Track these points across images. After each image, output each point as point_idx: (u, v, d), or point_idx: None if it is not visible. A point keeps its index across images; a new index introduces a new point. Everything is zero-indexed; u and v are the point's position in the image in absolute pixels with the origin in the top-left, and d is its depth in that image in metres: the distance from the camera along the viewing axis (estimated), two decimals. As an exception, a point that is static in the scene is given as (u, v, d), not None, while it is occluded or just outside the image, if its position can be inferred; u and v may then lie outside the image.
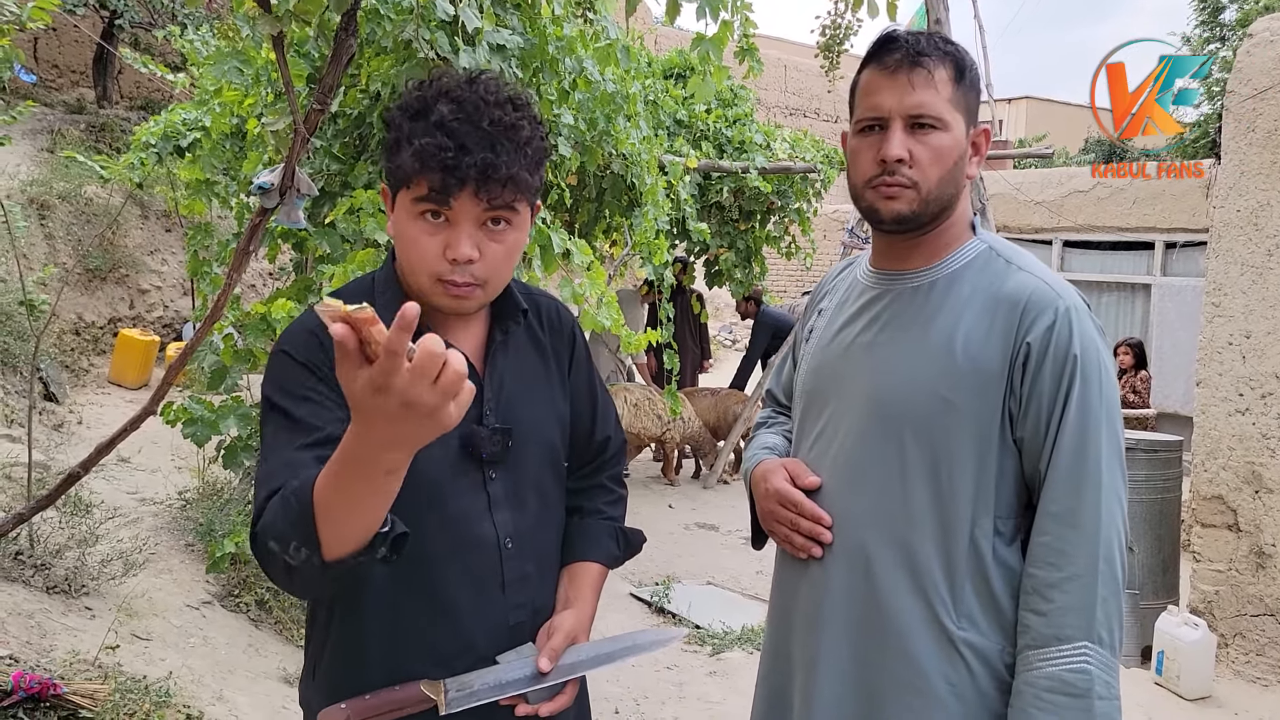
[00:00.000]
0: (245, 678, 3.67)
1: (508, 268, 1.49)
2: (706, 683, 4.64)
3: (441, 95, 1.41)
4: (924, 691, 1.55)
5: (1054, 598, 1.49)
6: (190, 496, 5.14)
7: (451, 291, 1.44)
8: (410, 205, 1.42)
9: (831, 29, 3.73)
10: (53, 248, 8.66)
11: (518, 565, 1.53)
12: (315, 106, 2.69)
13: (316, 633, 1.57)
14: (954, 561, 1.55)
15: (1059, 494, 1.50)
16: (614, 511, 1.75)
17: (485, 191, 1.39)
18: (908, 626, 1.56)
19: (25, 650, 3.18)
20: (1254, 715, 4.43)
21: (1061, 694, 1.46)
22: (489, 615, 1.51)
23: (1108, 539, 1.48)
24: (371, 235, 3.81)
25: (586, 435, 1.72)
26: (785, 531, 1.70)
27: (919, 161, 1.56)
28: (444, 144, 1.36)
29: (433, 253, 1.42)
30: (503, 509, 1.52)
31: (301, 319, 1.51)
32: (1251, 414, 4.69)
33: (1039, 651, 1.49)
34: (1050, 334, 1.52)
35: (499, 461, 1.52)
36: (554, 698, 1.51)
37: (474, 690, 1.45)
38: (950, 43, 1.60)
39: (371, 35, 3.88)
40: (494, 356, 1.57)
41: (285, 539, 1.22)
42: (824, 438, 1.70)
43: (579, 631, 1.56)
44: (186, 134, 6.12)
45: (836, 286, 1.83)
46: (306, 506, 1.18)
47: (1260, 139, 4.63)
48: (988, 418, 1.54)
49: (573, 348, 1.71)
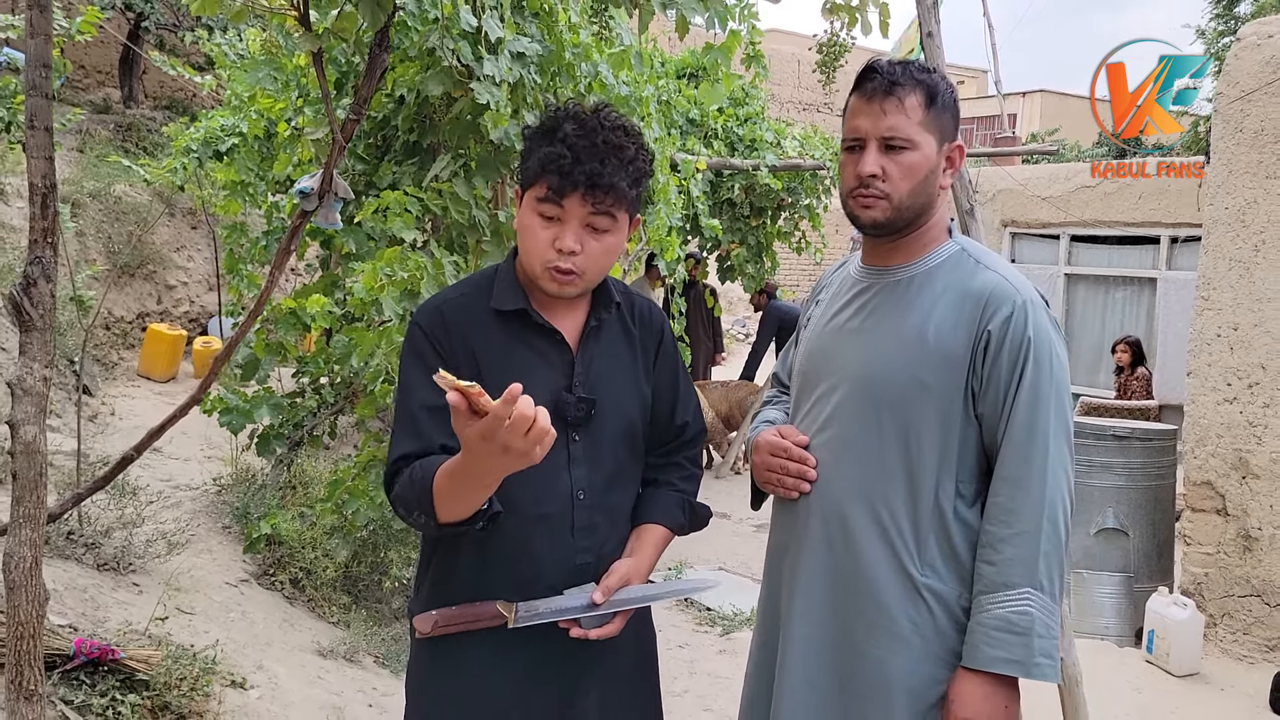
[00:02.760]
0: (282, 650, 3.91)
1: (605, 263, 1.81)
2: (716, 660, 4.85)
3: (569, 118, 1.75)
4: (891, 630, 1.80)
5: (1003, 550, 1.74)
6: (224, 483, 5.38)
7: (556, 278, 1.76)
8: (533, 203, 1.76)
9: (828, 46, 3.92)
10: (84, 245, 8.91)
11: (587, 515, 1.83)
12: (351, 117, 2.92)
13: (423, 559, 1.91)
14: (920, 518, 1.80)
15: (1011, 461, 1.76)
16: (686, 486, 2.03)
17: (591, 195, 1.71)
18: (878, 573, 1.81)
19: (82, 621, 3.42)
20: (1239, 691, 4.62)
21: (1007, 632, 1.70)
22: (559, 554, 1.80)
23: (1051, 501, 1.73)
24: (398, 234, 4.03)
25: (667, 418, 2.00)
26: (776, 476, 1.95)
27: (891, 177, 1.82)
28: (563, 154, 1.70)
29: (544, 242, 1.75)
30: (580, 466, 1.82)
31: (430, 299, 1.89)
32: (1239, 403, 4.88)
33: (989, 596, 1.74)
34: (1008, 324, 1.77)
35: (581, 426, 1.82)
36: (603, 625, 1.79)
37: (538, 612, 1.76)
38: (926, 71, 1.85)
39: (398, 44, 4.09)
40: (588, 338, 1.87)
41: (410, 508, 1.68)
42: (815, 411, 1.95)
43: (634, 576, 1.85)
44: (225, 139, 6.37)
45: (833, 281, 2.09)
46: (427, 491, 1.62)
47: (1248, 139, 4.81)
48: (953, 395, 1.79)
49: (660, 342, 2.00)
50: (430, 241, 4.44)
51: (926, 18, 3.13)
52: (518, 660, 1.79)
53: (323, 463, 5.50)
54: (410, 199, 4.09)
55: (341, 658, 4.06)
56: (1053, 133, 25.78)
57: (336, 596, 4.55)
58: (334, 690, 3.73)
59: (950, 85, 1.89)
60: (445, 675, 1.82)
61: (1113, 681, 4.63)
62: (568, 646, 1.79)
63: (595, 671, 1.85)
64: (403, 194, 4.08)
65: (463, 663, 1.80)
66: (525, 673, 1.79)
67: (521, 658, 1.79)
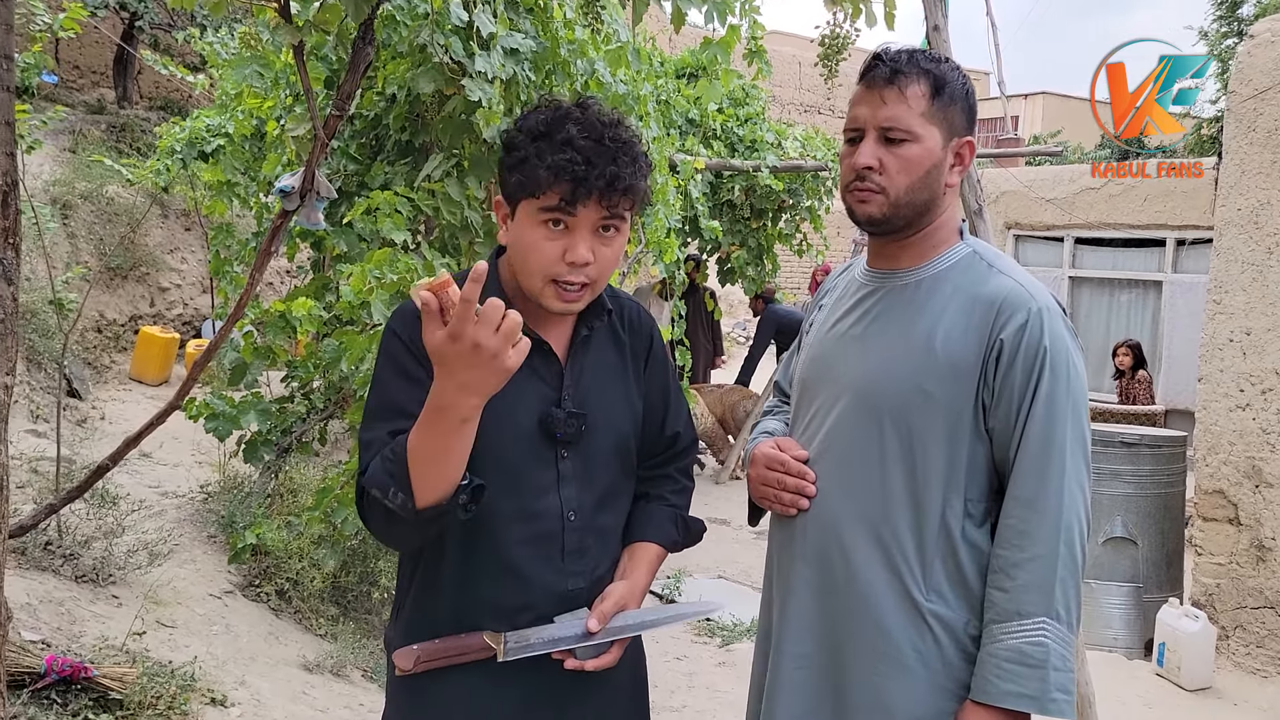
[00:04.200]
0: (266, 664, 3.79)
1: (611, 270, 1.67)
2: (715, 673, 4.74)
3: (565, 119, 1.60)
4: (892, 658, 1.67)
5: (1017, 576, 1.60)
6: (211, 490, 5.26)
7: (564, 295, 1.62)
8: (536, 214, 1.59)
9: (830, 39, 3.79)
10: (75, 247, 8.80)
11: (579, 537, 1.70)
12: (334, 113, 2.80)
13: (402, 584, 1.76)
14: (925, 539, 1.67)
15: (1025, 480, 1.62)
16: (678, 500, 1.90)
17: (608, 200, 1.58)
18: (878, 597, 1.68)
19: (56, 635, 3.30)
20: (1253, 706, 4.50)
21: (1020, 664, 1.57)
22: (549, 579, 1.67)
23: (1068, 523, 1.60)
24: (389, 235, 3.91)
25: (658, 429, 1.87)
26: (773, 492, 1.81)
27: (888, 170, 1.68)
28: (575, 159, 1.55)
29: (552, 256, 1.59)
30: (570, 485, 1.70)
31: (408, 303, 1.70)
32: (1252, 409, 4.76)
33: (1002, 625, 1.60)
34: (1022, 332, 1.63)
35: (572, 443, 1.70)
36: (599, 655, 1.67)
37: (529, 643, 1.63)
38: (934, 60, 1.71)
39: (387, 40, 3.98)
40: (577, 350, 1.74)
41: (385, 486, 1.48)
42: (814, 422, 1.82)
43: (629, 600, 1.72)
44: (211, 140, 6.24)
45: (837, 285, 1.95)
46: (401, 456, 1.45)
47: (1261, 138, 4.69)
48: (961, 408, 1.66)
49: (650, 348, 1.86)
50: (422, 243, 4.33)
51: (933, 11, 3.01)
52: (507, 694, 1.66)
53: (312, 470, 5.38)
54: (401, 199, 3.98)
55: (328, 672, 3.94)
56: (1055, 134, 25.71)
57: (324, 608, 4.42)
58: (319, 707, 3.61)
59: (964, 76, 1.74)
60: (428, 714, 1.69)
61: (1123, 695, 4.52)
62: (560, 677, 1.67)
63: (588, 702, 1.74)
64: (393, 194, 3.97)
65: (447, 700, 1.67)
66: (515, 707, 1.67)
67: (511, 691, 1.66)
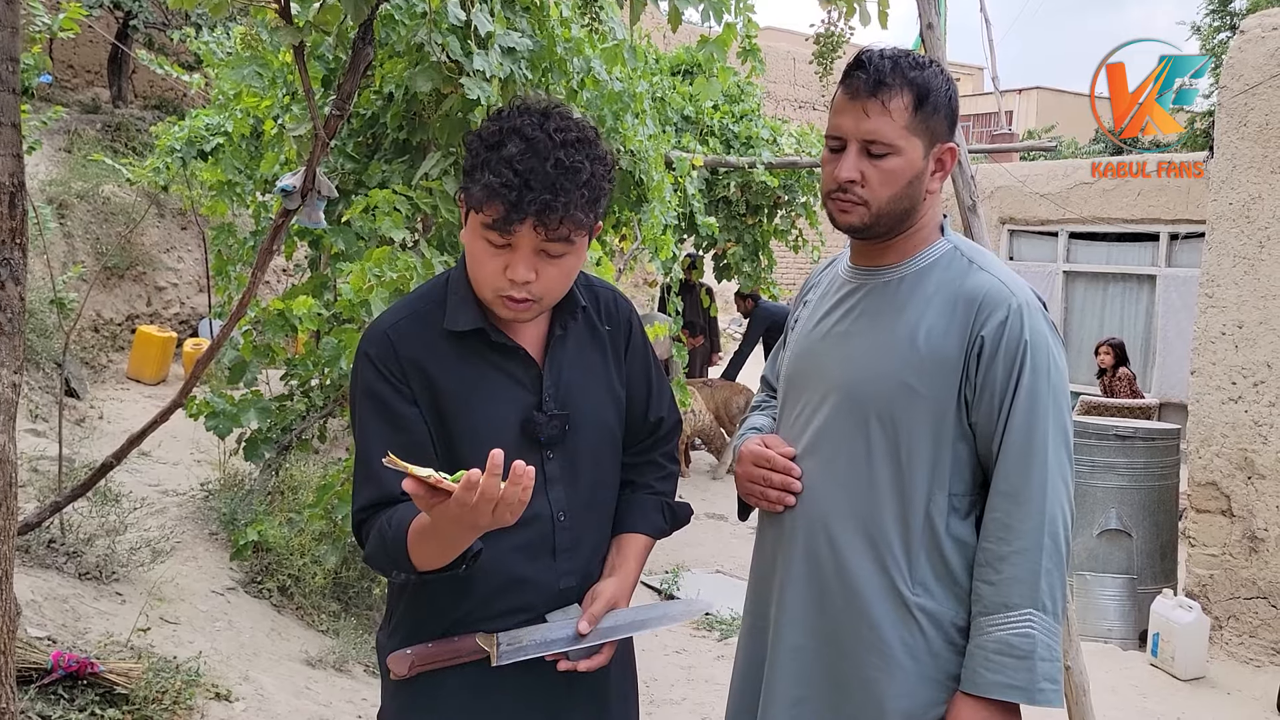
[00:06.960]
0: (269, 659, 3.82)
1: (563, 285, 1.64)
2: (714, 666, 4.77)
3: (514, 132, 1.54)
4: (881, 651, 1.70)
5: (1002, 569, 1.64)
6: (212, 488, 5.29)
7: (510, 306, 1.61)
8: (478, 228, 1.58)
9: (825, 37, 3.81)
10: (71, 246, 8.80)
11: (570, 536, 1.72)
12: (334, 113, 2.83)
13: (394, 589, 1.77)
14: (911, 533, 1.70)
15: (1008, 474, 1.66)
16: (663, 487, 1.91)
17: (543, 226, 1.53)
18: (867, 591, 1.71)
19: (61, 632, 3.33)
20: (1246, 695, 4.55)
21: (1008, 656, 1.61)
22: (541, 579, 1.70)
23: (1052, 516, 1.64)
24: (387, 233, 3.94)
25: (641, 416, 1.87)
26: (760, 489, 1.84)
27: (870, 182, 1.69)
28: (510, 181, 1.50)
29: (494, 270, 1.58)
30: (558, 486, 1.71)
31: (376, 321, 1.71)
32: (1244, 402, 4.81)
33: (989, 618, 1.64)
34: (1003, 328, 1.67)
35: (556, 444, 1.70)
36: (592, 656, 1.69)
37: (522, 645, 1.65)
38: (918, 66, 1.70)
39: (385, 39, 4.00)
40: (553, 349, 1.73)
41: (386, 568, 1.60)
42: (801, 418, 1.84)
43: (619, 598, 1.74)
44: (210, 139, 6.26)
45: (821, 281, 1.97)
46: (402, 551, 1.54)
47: (1252, 133, 4.74)
48: (945, 403, 1.69)
49: (629, 335, 1.85)
50: (420, 241, 4.35)
51: (926, 9, 3.04)
52: (500, 695, 1.69)
53: (312, 467, 5.40)
54: (399, 198, 4.00)
55: (330, 667, 3.97)
56: (1049, 129, 25.76)
57: (326, 604, 4.45)
58: (322, 701, 3.65)
59: (948, 81, 1.75)
60: (424, 718, 1.70)
61: (1117, 685, 4.56)
62: (552, 676, 1.69)
63: (580, 701, 1.76)
64: (391, 193, 4.00)
65: (441, 701, 1.69)
66: (509, 708, 1.69)
67: (504, 692, 1.69)
